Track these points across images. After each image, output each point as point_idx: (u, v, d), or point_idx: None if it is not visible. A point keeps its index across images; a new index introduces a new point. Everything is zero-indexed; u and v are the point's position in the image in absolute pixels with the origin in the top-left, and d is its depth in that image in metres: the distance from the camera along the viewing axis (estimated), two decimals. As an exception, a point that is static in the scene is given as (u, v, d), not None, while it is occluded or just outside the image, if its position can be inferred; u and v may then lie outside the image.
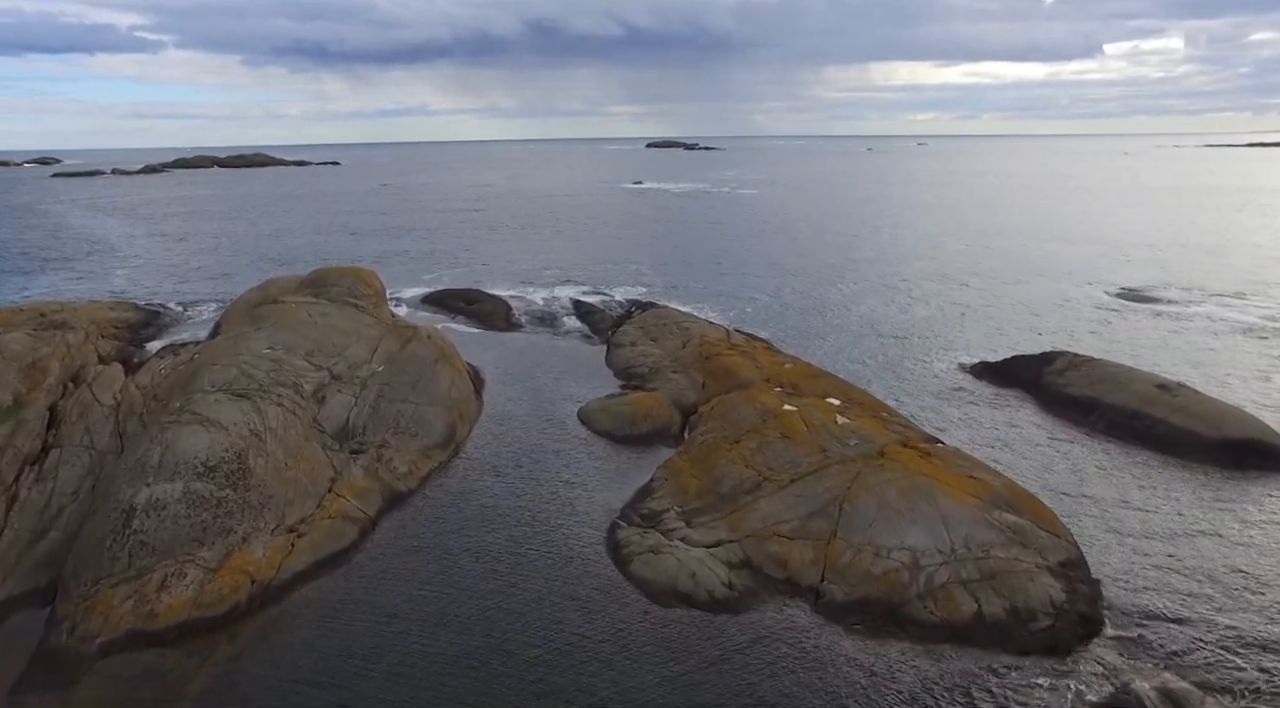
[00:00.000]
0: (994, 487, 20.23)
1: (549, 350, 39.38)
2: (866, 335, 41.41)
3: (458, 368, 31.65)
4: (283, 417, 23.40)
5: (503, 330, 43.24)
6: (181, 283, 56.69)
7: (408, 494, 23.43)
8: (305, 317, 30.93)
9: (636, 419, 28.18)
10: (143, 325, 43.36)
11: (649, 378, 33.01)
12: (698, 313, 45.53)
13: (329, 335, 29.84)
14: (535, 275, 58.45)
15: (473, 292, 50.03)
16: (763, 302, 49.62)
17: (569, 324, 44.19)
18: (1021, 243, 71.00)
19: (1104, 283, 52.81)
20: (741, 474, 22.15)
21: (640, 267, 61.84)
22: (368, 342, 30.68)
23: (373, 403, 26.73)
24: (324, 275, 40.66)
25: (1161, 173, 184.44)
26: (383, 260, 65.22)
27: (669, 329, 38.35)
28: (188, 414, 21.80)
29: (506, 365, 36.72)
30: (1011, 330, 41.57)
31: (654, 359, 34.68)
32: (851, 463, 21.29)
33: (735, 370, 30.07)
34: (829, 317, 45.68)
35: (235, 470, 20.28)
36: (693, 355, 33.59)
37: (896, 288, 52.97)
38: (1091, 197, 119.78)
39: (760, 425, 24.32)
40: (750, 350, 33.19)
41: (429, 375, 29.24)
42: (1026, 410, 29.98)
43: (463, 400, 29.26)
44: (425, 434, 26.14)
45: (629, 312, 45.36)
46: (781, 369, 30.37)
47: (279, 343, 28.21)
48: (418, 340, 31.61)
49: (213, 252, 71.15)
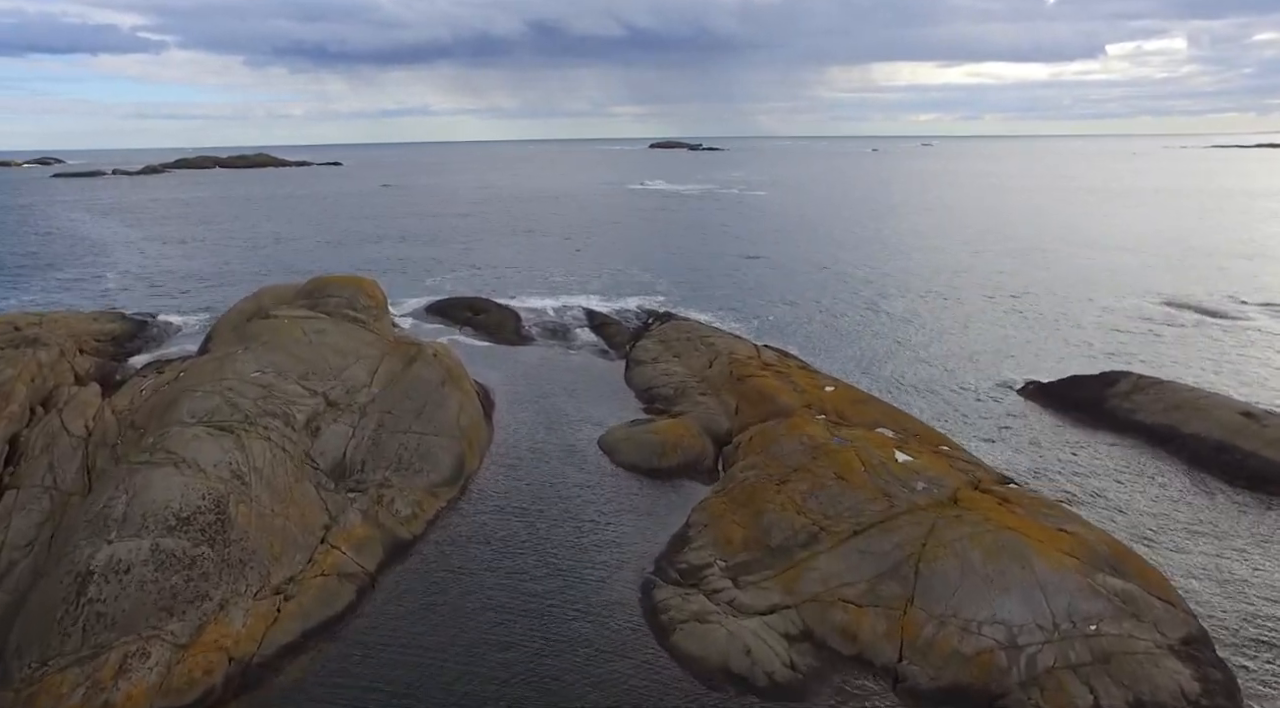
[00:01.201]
0: (1091, 542, 17.46)
1: (563, 367, 36.63)
2: (900, 351, 38.61)
3: (466, 390, 28.90)
4: (270, 453, 20.66)
5: (512, 344, 40.49)
6: (174, 290, 54.01)
7: (412, 542, 20.68)
8: (299, 334, 28.20)
9: (665, 450, 25.42)
10: (128, 338, 40.65)
11: (674, 400, 30.26)
12: (717, 324, 42.80)
13: (325, 355, 27.10)
14: (544, 282, 55.73)
15: (479, 300, 47.32)
16: (785, 311, 46.87)
17: (582, 337, 41.44)
18: (1053, 250, 67.76)
19: (1147, 293, 49.93)
20: (793, 523, 19.38)
21: (653, 273, 59.10)
22: (368, 362, 27.95)
23: (373, 434, 23.99)
24: (322, 285, 38.03)
25: (1176, 175, 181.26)
26: (384, 265, 62.56)
27: (692, 344, 35.60)
28: (161, 453, 19.06)
29: (518, 384, 33.99)
30: (1058, 346, 38.75)
31: (678, 379, 31.92)
32: (922, 512, 18.52)
33: (772, 395, 27.30)
34: (857, 329, 42.86)
35: (213, 522, 17.53)
36: (722, 375, 30.83)
37: (926, 297, 50.15)
38: (1112, 200, 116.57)
39: (809, 463, 21.55)
40: (785, 370, 30.42)
41: (435, 400, 26.49)
42: (1093, 440, 27.18)
43: (472, 428, 26.51)
44: (431, 470, 23.39)
45: (646, 323, 42.66)
46: (822, 393, 27.60)
47: (269, 365, 25.48)
48: (422, 360, 28.87)
49: (208, 256, 68.49)
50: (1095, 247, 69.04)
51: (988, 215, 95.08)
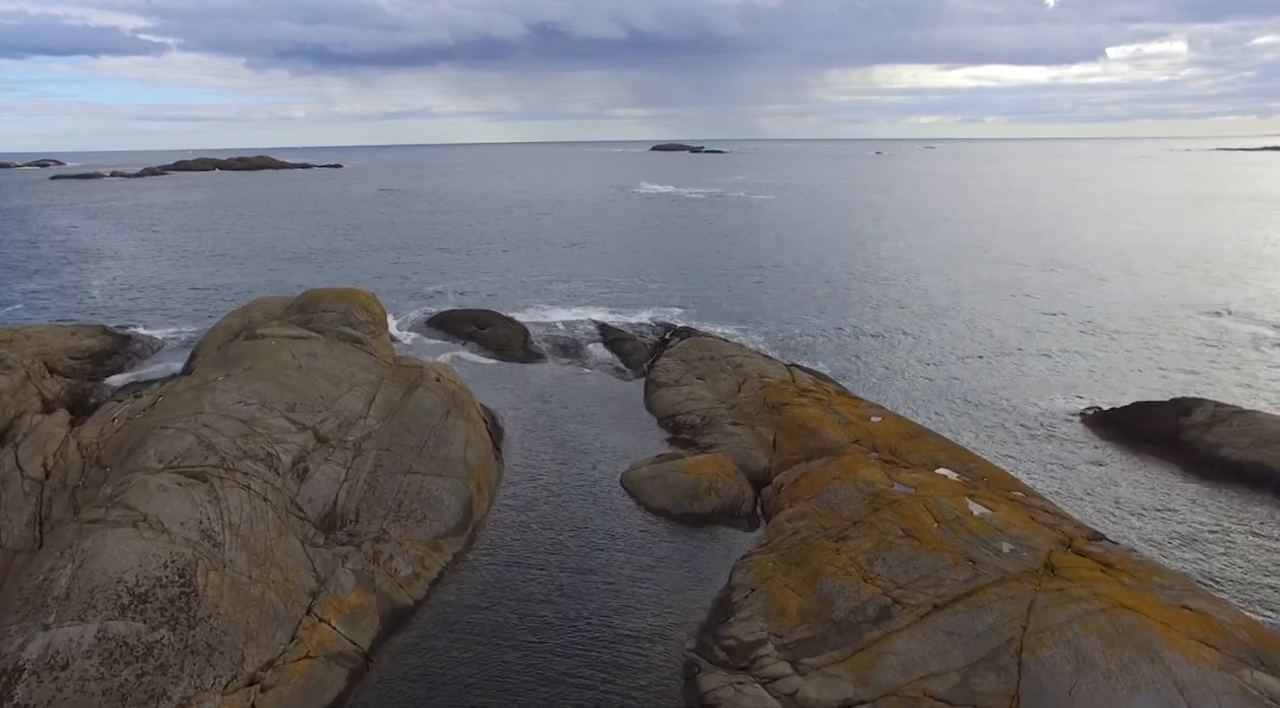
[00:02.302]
0: (1225, 625, 14.60)
1: (576, 388, 33.81)
2: (939, 372, 35.73)
3: (473, 418, 26.09)
4: (249, 505, 17.83)
5: (521, 361, 37.67)
6: (162, 299, 51.20)
7: (413, 609, 17.85)
8: (287, 358, 25.38)
9: (699, 492, 22.57)
10: (108, 354, 37.85)
11: (703, 430, 27.43)
12: (739, 339, 39.99)
13: (315, 383, 24.27)
14: (551, 292, 52.92)
15: (484, 313, 44.51)
16: (809, 326, 43.98)
17: (596, 354, 38.60)
18: (1089, 260, 63.97)
19: (1200, 305, 46.90)
20: (859, 591, 16.54)
21: (665, 282, 56.29)
22: (364, 389, 25.13)
23: (369, 475, 21.14)
24: (315, 298, 35.25)
25: (1191, 178, 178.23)
26: (383, 273, 59.81)
27: (717, 364, 32.77)
28: (118, 510, 16.23)
29: (528, 408, 31.20)
30: (1115, 366, 35.80)
31: (706, 405, 29.09)
32: (1015, 583, 15.66)
33: (815, 427, 24.47)
34: (889, 347, 39.92)
35: (176, 597, 14.70)
36: (754, 402, 28.00)
37: (958, 312, 47.21)
38: (1137, 206, 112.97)
39: (870, 515, 18.72)
40: (824, 397, 27.59)
41: (439, 434, 23.67)
42: (1177, 481, 24.32)
43: (480, 465, 23.68)
44: (435, 518, 20.56)
45: (664, 339, 39.85)
46: (869, 425, 24.78)
47: (252, 395, 22.66)
48: (425, 385, 26.05)
49: (200, 263, 65.69)
50: (1134, 256, 65.59)
51: (1009, 223, 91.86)
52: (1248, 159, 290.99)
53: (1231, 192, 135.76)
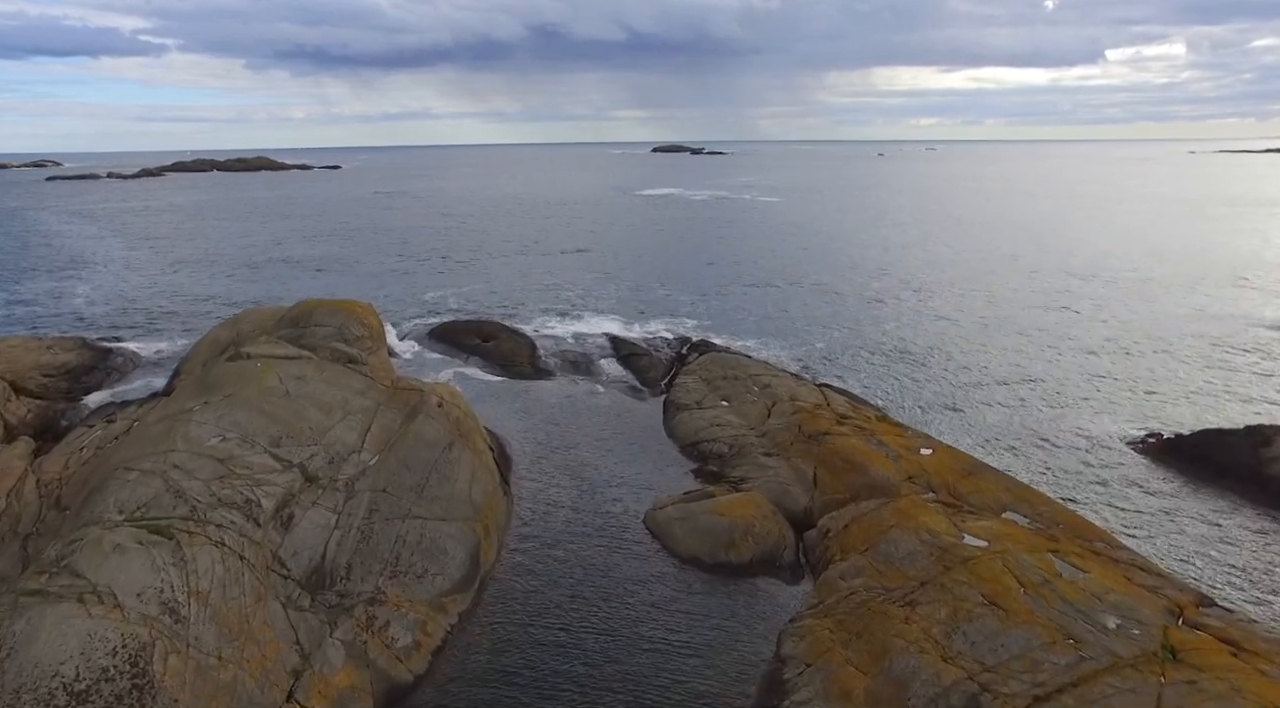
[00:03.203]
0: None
1: (589, 409, 31.29)
2: (983, 393, 33.13)
3: (479, 449, 23.58)
4: (223, 565, 15.31)
5: (528, 378, 35.15)
6: (149, 308, 48.68)
7: (413, 686, 15.33)
8: (274, 382, 22.84)
9: (734, 538, 20.05)
10: (85, 370, 35.36)
11: (732, 461, 24.92)
12: (761, 353, 37.53)
13: (305, 412, 21.75)
14: (558, 300, 50.42)
15: (489, 325, 41.98)
16: (836, 341, 41.43)
17: (609, 370, 36.09)
18: (1130, 269, 60.53)
19: (1254, 319, 44.12)
20: (939, 674, 14.02)
21: (676, 290, 53.79)
22: (358, 417, 22.60)
23: (363, 522, 18.62)
24: (308, 311, 32.75)
25: (1209, 181, 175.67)
26: (381, 279, 57.33)
27: (742, 384, 30.29)
28: (64, 578, 13.71)
29: (538, 432, 28.72)
30: (1174, 387, 33.16)
31: (734, 432, 26.57)
32: (1132, 671, 13.15)
33: (861, 462, 21.95)
34: (925, 364, 37.22)
35: (125, 693, 12.19)
36: (788, 429, 25.49)
37: (1001, 325, 44.20)
38: (1164, 210, 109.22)
39: (941, 575, 16.21)
40: (865, 424, 25.08)
41: (442, 469, 21.16)
42: (1267, 522, 21.81)
43: (488, 504, 21.17)
44: (438, 571, 18.04)
45: (681, 354, 37.36)
46: (919, 459, 22.27)
47: (233, 427, 20.14)
48: (426, 412, 23.54)
49: (191, 269, 63.15)
50: (1177, 266, 61.86)
51: (1037, 229, 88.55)
52: (1254, 162, 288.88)
53: (1255, 195, 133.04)
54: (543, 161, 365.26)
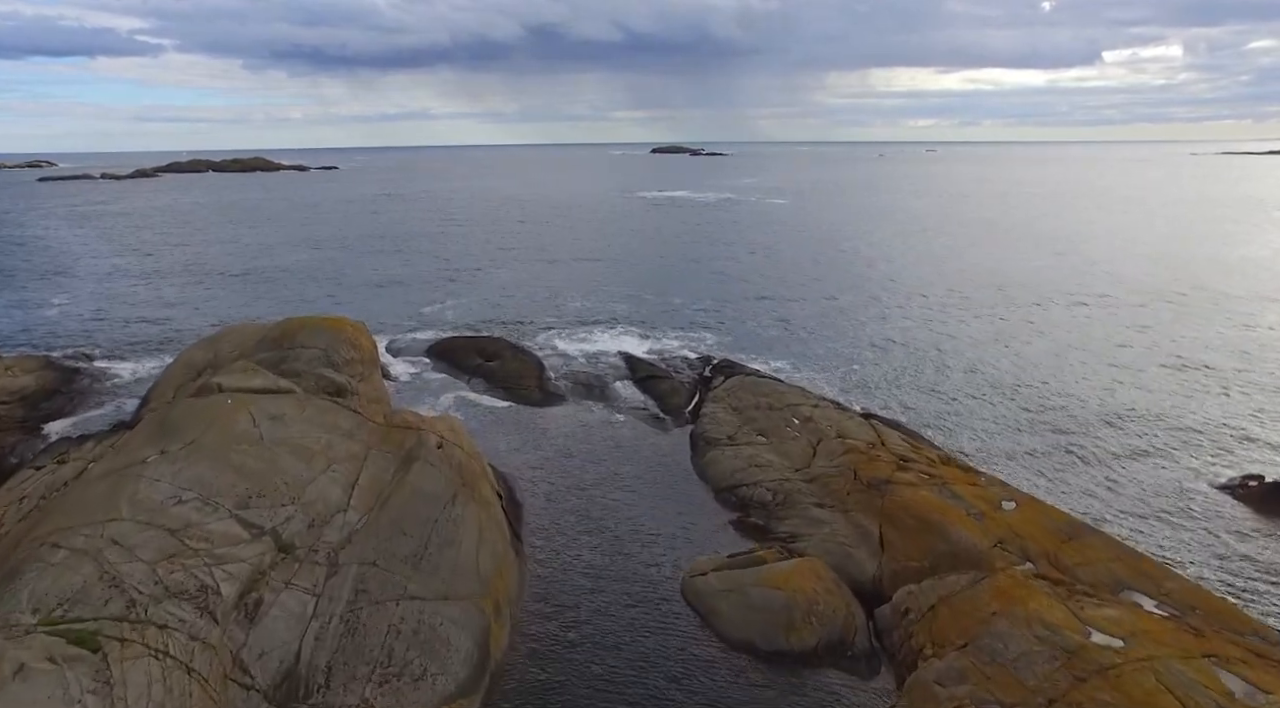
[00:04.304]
0: None
1: (606, 442, 27.94)
2: (1045, 425, 29.51)
3: (486, 499, 20.26)
4: (164, 684, 11.96)
5: (537, 404, 31.82)
6: (126, 322, 45.27)
7: None
8: (246, 425, 19.47)
9: (794, 619, 16.70)
10: (47, 395, 32.07)
11: (777, 512, 21.59)
12: (793, 376, 34.26)
13: (281, 462, 18.38)
14: (564, 313, 47.09)
15: (491, 341, 38.61)
16: (873, 360, 37.94)
17: (625, 394, 32.75)
18: (1186, 279, 56.33)
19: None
20: None
21: (691, 301, 50.45)
22: (345, 466, 19.24)
23: (348, 607, 15.25)
24: (293, 331, 29.43)
25: (1228, 183, 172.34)
26: (376, 288, 53.96)
27: (779, 416, 26.97)
28: (-55, 720, 10.36)
29: (550, 470, 25.41)
30: (1261, 421, 29.79)
31: (776, 475, 23.24)
32: None
33: (937, 521, 18.61)
34: (979, 392, 33.00)
35: None
36: (840, 474, 22.16)
37: (1058, 348, 39.88)
38: (1197, 213, 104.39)
39: (1073, 690, 12.87)
40: (931, 468, 21.74)
41: (444, 531, 17.83)
42: None
43: (498, 573, 17.83)
44: (439, 669, 14.68)
45: (704, 376, 34.03)
46: (1005, 517, 18.93)
47: (193, 484, 16.77)
48: (424, 457, 20.23)
49: (176, 277, 59.68)
50: (1237, 275, 57.89)
51: (1069, 234, 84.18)
52: (1258, 163, 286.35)
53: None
54: (542, 162, 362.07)
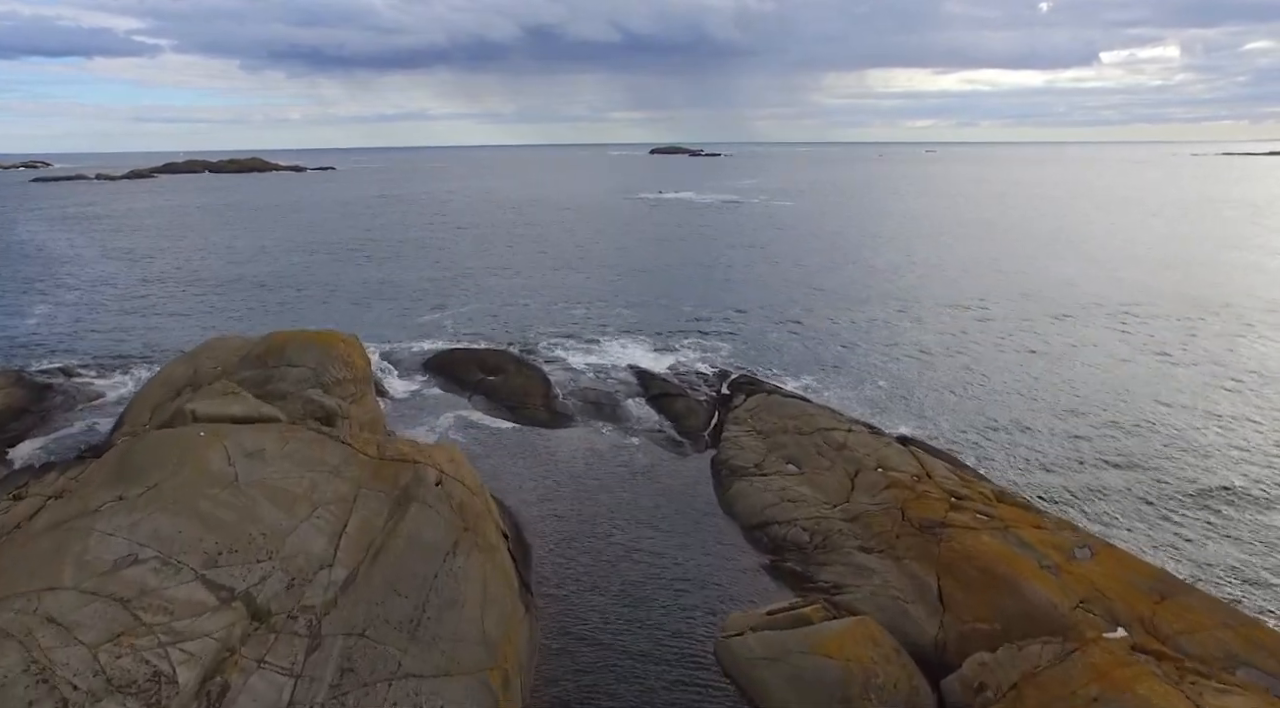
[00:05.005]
0: None
1: (620, 469, 25.65)
2: (1104, 453, 26.97)
3: (491, 544, 17.97)
4: (99, 813, 9.64)
5: (544, 425, 29.51)
6: (109, 332, 42.94)
7: None
8: (219, 464, 17.13)
9: (850, 695, 14.40)
10: (15, 414, 29.82)
11: (818, 557, 19.30)
12: (819, 394, 32.04)
13: (257, 510, 16.06)
14: (569, 323, 44.78)
15: (494, 354, 36.33)
16: (896, 374, 35.55)
17: (638, 414, 30.43)
18: (1205, 286, 54.13)
19: None
20: None
21: (702, 310, 48.16)
22: (331, 510, 16.92)
23: (330, 694, 12.94)
24: (279, 346, 27.34)
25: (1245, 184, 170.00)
26: (370, 298, 51.59)
27: (809, 441, 24.70)
28: None
29: (560, 503, 23.13)
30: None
31: (812, 511, 20.95)
32: None
33: (1008, 575, 16.32)
34: (1017, 411, 30.63)
35: None
36: (886, 513, 19.87)
37: (1090, 354, 37.69)
38: (1204, 215, 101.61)
39: (1210, 806, 10.61)
40: (988, 506, 19.46)
41: (444, 589, 15.54)
42: None
43: (506, 637, 15.52)
44: (438, 770, 12.39)
45: (722, 394, 31.76)
46: (1083, 569, 16.65)
47: (152, 539, 14.47)
48: (421, 497, 17.91)
49: (162, 283, 57.28)
50: (1264, 274, 55.67)
51: (1080, 236, 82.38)
52: (1261, 164, 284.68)
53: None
54: (541, 163, 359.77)
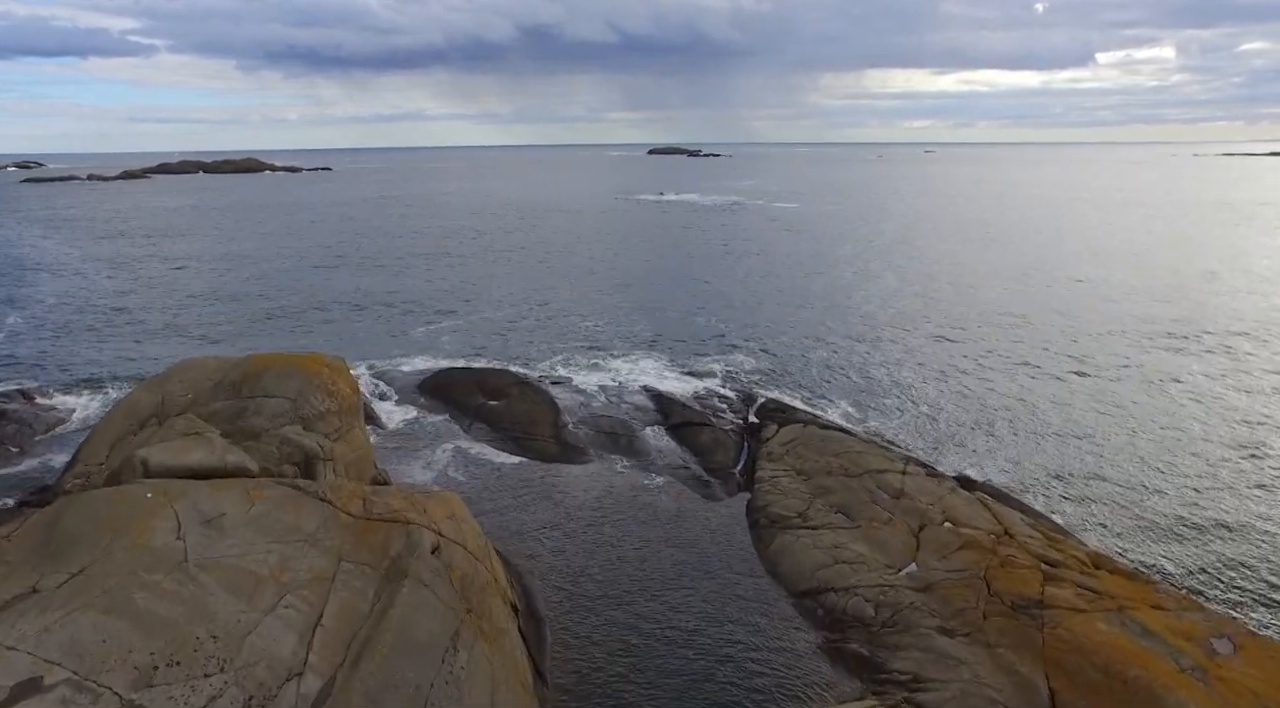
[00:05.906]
0: None
1: (642, 515, 22.50)
2: (1209, 509, 23.54)
3: (499, 628, 14.88)
4: None
5: (553, 460, 26.35)
6: (80, 348, 39.71)
7: None
8: (165, 537, 13.97)
9: None
10: (-40, 447, 26.58)
11: (887, 639, 16.17)
12: (859, 420, 28.99)
13: (209, 601, 12.91)
14: (576, 337, 41.67)
15: (495, 375, 33.16)
16: (935, 402, 32.20)
17: (658, 446, 27.31)
18: (1251, 302, 51.38)
19: None
20: None
21: (717, 321, 45.08)
22: (304, 595, 13.76)
23: None
24: (256, 373, 24.30)
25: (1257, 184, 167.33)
26: (360, 311, 48.39)
27: (859, 483, 21.62)
28: None
29: (576, 559, 20.03)
30: None
31: (875, 580, 17.82)
32: None
33: (1142, 682, 13.20)
34: (1096, 449, 26.96)
35: None
36: (967, 584, 16.76)
37: (1160, 382, 34.26)
38: (1227, 218, 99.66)
39: None
40: (1088, 577, 16.38)
41: (444, 701, 12.42)
42: None
43: (519, 764, 12.40)
44: None
45: (751, 423, 28.67)
46: (1224, 667, 13.58)
47: (67, 651, 11.34)
48: (415, 572, 14.75)
49: (141, 294, 53.99)
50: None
51: (1133, 244, 78.18)
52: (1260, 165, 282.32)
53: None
54: (539, 164, 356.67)
